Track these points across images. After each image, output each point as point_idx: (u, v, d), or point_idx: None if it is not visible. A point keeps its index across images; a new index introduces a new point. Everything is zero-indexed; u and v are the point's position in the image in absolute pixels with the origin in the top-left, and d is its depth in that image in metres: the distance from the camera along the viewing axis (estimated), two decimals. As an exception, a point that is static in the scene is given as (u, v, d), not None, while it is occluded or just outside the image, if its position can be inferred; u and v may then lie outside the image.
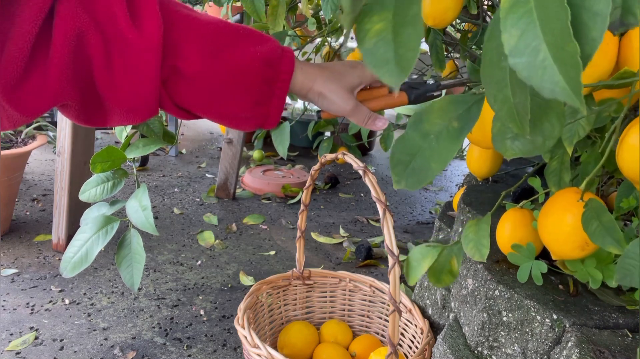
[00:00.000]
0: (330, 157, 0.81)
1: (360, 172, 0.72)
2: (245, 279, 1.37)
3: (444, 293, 0.89)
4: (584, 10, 0.30)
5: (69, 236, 1.40)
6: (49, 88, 0.47)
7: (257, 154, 2.31)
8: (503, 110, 0.37)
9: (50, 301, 1.19)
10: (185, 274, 1.37)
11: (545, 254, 0.73)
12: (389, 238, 0.66)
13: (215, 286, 1.33)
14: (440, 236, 1.10)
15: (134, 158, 0.89)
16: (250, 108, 0.56)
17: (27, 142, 1.52)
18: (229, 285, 1.34)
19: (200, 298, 1.27)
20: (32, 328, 1.10)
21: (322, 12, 1.24)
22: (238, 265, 1.45)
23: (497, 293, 0.68)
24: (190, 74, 0.52)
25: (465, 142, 0.54)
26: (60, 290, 1.24)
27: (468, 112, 0.44)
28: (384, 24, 0.40)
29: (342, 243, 1.65)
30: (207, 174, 2.20)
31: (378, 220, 1.84)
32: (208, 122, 3.22)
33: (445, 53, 1.17)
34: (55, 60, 0.46)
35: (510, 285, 0.67)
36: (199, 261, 1.45)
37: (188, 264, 1.43)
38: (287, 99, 0.59)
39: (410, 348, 0.96)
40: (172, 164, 2.28)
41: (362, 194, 2.13)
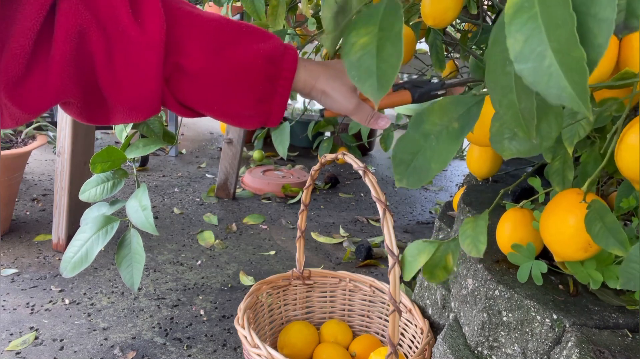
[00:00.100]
0: (330, 157, 0.81)
1: (360, 172, 0.72)
2: (245, 279, 1.37)
3: (444, 293, 0.89)
4: (590, 17, 0.30)
5: (69, 236, 1.40)
6: (51, 85, 0.47)
7: (257, 154, 2.31)
8: (508, 115, 0.37)
9: (50, 301, 1.20)
10: (185, 274, 1.37)
11: (545, 254, 0.73)
12: (389, 238, 0.66)
13: (215, 286, 1.33)
14: (440, 236, 1.10)
15: (134, 158, 0.89)
16: (253, 105, 0.56)
17: (27, 142, 1.52)
18: (229, 285, 1.34)
19: (200, 298, 1.27)
20: (32, 328, 1.10)
21: (321, 12, 1.24)
22: (238, 265, 1.45)
23: (497, 293, 0.68)
24: (193, 71, 0.52)
25: (465, 142, 0.54)
26: (60, 290, 1.24)
27: (468, 112, 0.44)
28: (369, 38, 0.41)
29: (342, 243, 1.65)
30: (207, 174, 2.20)
31: (378, 220, 1.84)
32: (208, 122, 3.21)
33: (445, 53, 1.17)
34: (57, 57, 0.46)
35: (510, 285, 0.67)
36: (199, 261, 1.45)
37: (188, 264, 1.43)
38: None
39: (410, 348, 0.96)
40: (172, 164, 2.28)
41: (362, 194, 2.13)
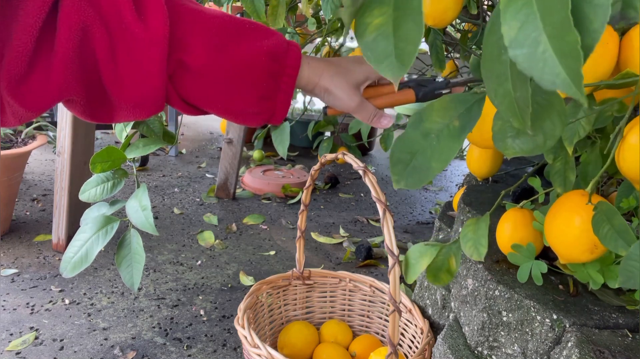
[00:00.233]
0: (330, 157, 0.81)
1: (360, 172, 0.72)
2: (245, 279, 1.37)
3: (444, 293, 0.89)
4: (585, 3, 0.30)
5: (69, 236, 1.40)
6: (54, 83, 0.47)
7: (257, 154, 2.31)
8: (504, 104, 0.36)
9: (50, 301, 1.19)
10: (185, 274, 1.37)
11: (545, 254, 0.73)
12: (389, 238, 0.66)
13: (215, 286, 1.33)
14: (440, 236, 1.10)
15: (134, 158, 0.89)
16: (257, 103, 0.56)
17: (27, 142, 1.52)
18: (229, 285, 1.34)
19: (200, 298, 1.27)
20: (32, 328, 1.10)
21: (322, 12, 1.24)
22: (238, 265, 1.45)
23: (497, 293, 0.68)
24: (196, 68, 0.52)
25: (465, 142, 0.54)
26: (60, 290, 1.24)
27: (469, 111, 0.44)
28: (384, 18, 0.40)
29: (342, 243, 1.65)
30: (207, 174, 2.20)
31: (378, 220, 1.84)
32: (208, 121, 3.20)
33: (445, 53, 1.17)
34: (60, 55, 0.46)
35: (510, 285, 0.67)
36: (199, 261, 1.45)
37: (188, 264, 1.43)
38: None
39: (410, 348, 0.96)
40: (172, 164, 2.28)
41: (362, 194, 2.13)
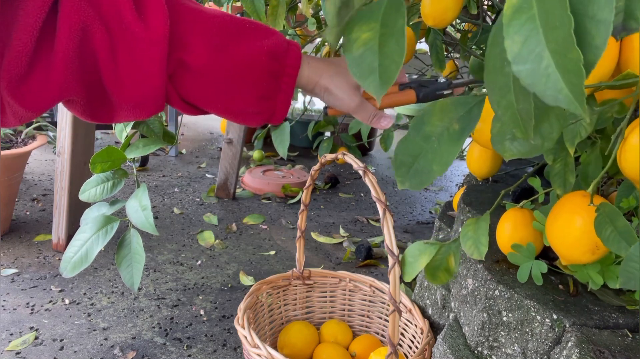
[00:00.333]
0: (330, 157, 0.81)
1: (360, 172, 0.72)
2: (245, 279, 1.37)
3: (444, 293, 0.89)
4: (587, 19, 0.30)
5: (69, 236, 1.40)
6: (54, 83, 0.47)
7: (257, 154, 2.31)
8: (507, 116, 0.37)
9: (50, 301, 1.20)
10: (185, 274, 1.37)
11: (545, 254, 0.73)
12: (389, 238, 0.66)
13: (215, 286, 1.33)
14: (440, 236, 1.10)
15: (134, 158, 0.89)
16: (257, 102, 0.56)
17: (27, 142, 1.52)
18: (229, 285, 1.34)
19: (200, 298, 1.27)
20: (32, 328, 1.10)
21: (322, 12, 1.24)
22: (238, 265, 1.45)
23: (497, 293, 0.68)
24: (197, 67, 0.52)
25: (466, 142, 0.54)
26: (60, 290, 1.24)
27: (469, 113, 0.44)
28: (372, 34, 0.41)
29: (342, 243, 1.65)
30: (207, 174, 2.20)
31: (378, 220, 1.84)
32: (208, 121, 3.20)
33: (445, 53, 1.17)
34: (60, 55, 0.46)
35: (510, 285, 0.67)
36: (199, 261, 1.45)
37: (188, 264, 1.43)
38: None
39: (410, 348, 0.96)
40: (172, 164, 2.28)
41: (362, 194, 2.13)
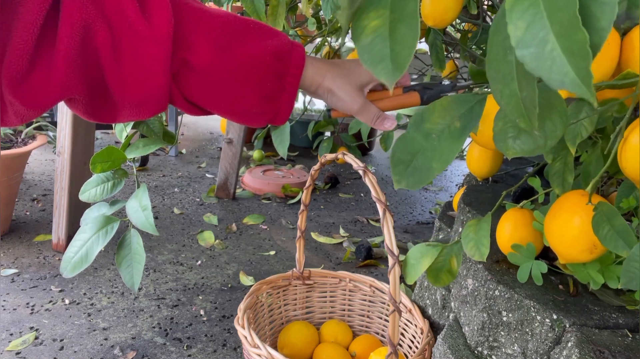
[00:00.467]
0: (330, 157, 0.81)
1: (360, 172, 0.72)
2: (245, 279, 1.37)
3: (444, 293, 0.89)
4: (592, 1, 0.30)
5: (69, 236, 1.40)
6: (56, 81, 0.46)
7: (257, 154, 2.31)
8: (510, 105, 0.36)
9: (50, 301, 1.19)
10: (185, 274, 1.37)
11: (545, 254, 0.73)
12: (389, 238, 0.66)
13: (215, 286, 1.33)
14: (440, 236, 1.10)
15: (134, 158, 0.89)
16: (261, 103, 0.55)
17: (27, 142, 1.52)
18: (229, 285, 1.34)
19: (200, 298, 1.27)
20: (32, 328, 1.10)
21: (322, 12, 1.24)
22: (238, 265, 1.45)
23: (497, 293, 0.68)
24: (201, 67, 0.51)
25: (466, 141, 0.54)
26: (60, 290, 1.24)
27: (470, 111, 0.44)
28: (381, 21, 0.40)
29: (342, 243, 1.65)
30: (207, 174, 2.20)
31: (378, 220, 1.84)
32: (208, 121, 3.20)
33: (445, 53, 1.17)
34: (62, 53, 0.45)
35: (510, 285, 0.67)
36: (199, 261, 1.45)
37: (188, 264, 1.43)
38: None
39: (410, 348, 0.96)
40: (172, 164, 2.28)
41: (362, 194, 2.13)
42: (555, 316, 0.61)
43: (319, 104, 2.33)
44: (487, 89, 0.43)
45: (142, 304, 1.22)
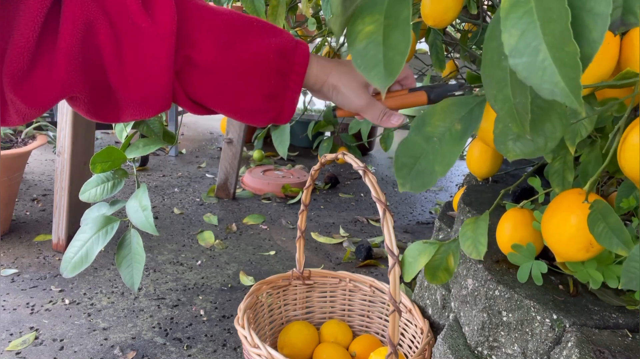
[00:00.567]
0: (330, 157, 0.81)
1: (360, 172, 0.72)
2: (245, 279, 1.37)
3: (444, 293, 0.89)
4: (585, 12, 0.30)
5: (69, 236, 1.40)
6: (57, 80, 0.46)
7: (257, 154, 2.31)
8: (503, 110, 0.37)
9: (50, 301, 1.19)
10: (185, 274, 1.37)
11: (545, 254, 0.73)
12: (389, 238, 0.66)
13: (215, 286, 1.33)
14: (440, 236, 1.10)
15: (134, 158, 0.89)
16: (264, 101, 0.55)
17: (27, 142, 1.52)
18: (229, 285, 1.34)
19: (200, 298, 1.27)
20: (32, 328, 1.10)
21: (322, 12, 1.24)
22: (238, 265, 1.45)
23: (497, 293, 0.68)
24: (204, 65, 0.51)
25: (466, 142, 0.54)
26: (60, 290, 1.24)
27: (470, 114, 0.44)
28: (375, 26, 0.40)
29: (342, 243, 1.65)
30: (207, 174, 2.20)
31: (378, 220, 1.84)
32: (208, 121, 3.20)
33: (445, 53, 1.17)
34: (63, 51, 0.45)
35: (510, 285, 0.67)
36: (199, 261, 1.45)
37: (188, 264, 1.43)
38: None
39: (410, 348, 0.96)
40: (172, 164, 2.28)
41: (362, 194, 2.13)
42: (555, 316, 0.61)
43: (319, 104, 2.33)
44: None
45: (142, 304, 1.22)
